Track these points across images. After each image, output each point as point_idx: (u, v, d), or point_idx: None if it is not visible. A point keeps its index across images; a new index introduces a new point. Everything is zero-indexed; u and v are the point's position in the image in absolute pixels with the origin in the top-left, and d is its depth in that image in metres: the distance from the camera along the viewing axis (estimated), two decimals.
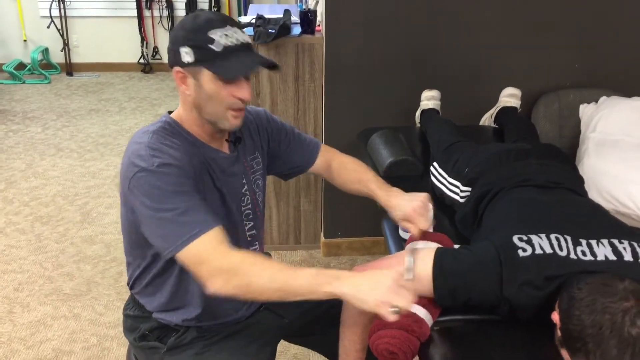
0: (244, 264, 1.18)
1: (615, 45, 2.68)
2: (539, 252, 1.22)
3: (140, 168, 1.22)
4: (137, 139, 1.29)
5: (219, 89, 1.26)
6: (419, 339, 1.23)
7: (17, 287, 2.66)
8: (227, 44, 1.24)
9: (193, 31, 1.24)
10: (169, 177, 1.21)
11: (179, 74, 1.28)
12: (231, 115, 1.30)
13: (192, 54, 1.24)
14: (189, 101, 1.31)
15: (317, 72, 2.65)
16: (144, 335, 1.43)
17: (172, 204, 1.20)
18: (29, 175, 3.77)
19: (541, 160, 1.72)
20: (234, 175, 1.42)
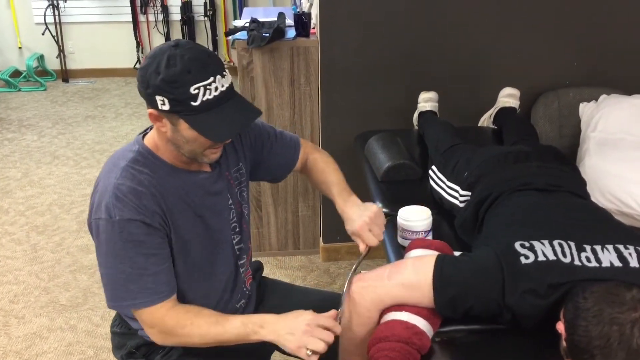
0: (175, 328, 1.27)
1: (614, 43, 2.65)
2: (542, 259, 1.19)
3: (102, 218, 1.23)
4: (108, 173, 1.27)
5: (198, 136, 1.21)
6: (420, 352, 1.20)
7: (12, 299, 2.63)
8: (207, 99, 1.17)
9: (170, 83, 1.15)
10: (128, 235, 1.22)
11: (152, 115, 1.22)
12: (210, 152, 1.28)
13: (169, 104, 1.17)
14: (165, 137, 1.26)
15: (312, 75, 2.62)
16: (131, 352, 1.43)
17: (124, 265, 1.23)
18: (25, 184, 3.74)
19: (541, 163, 1.69)
20: (217, 193, 1.39)
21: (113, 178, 1.24)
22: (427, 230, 1.62)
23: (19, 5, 5.80)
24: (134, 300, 1.24)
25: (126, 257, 1.22)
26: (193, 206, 1.33)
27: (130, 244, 1.21)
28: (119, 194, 1.22)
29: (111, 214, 1.21)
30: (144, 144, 1.30)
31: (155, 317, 1.26)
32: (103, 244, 1.23)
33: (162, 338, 1.30)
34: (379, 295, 1.26)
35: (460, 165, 1.82)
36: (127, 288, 1.23)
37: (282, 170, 1.60)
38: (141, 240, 1.22)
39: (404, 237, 1.63)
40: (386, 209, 1.92)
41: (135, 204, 1.22)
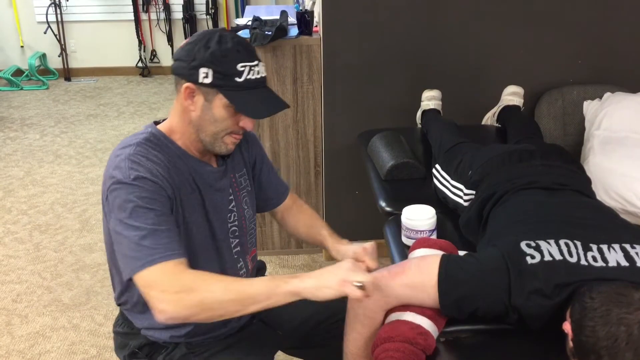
0: (194, 282, 1.15)
1: (618, 40, 2.63)
2: (548, 258, 1.18)
3: (116, 180, 1.21)
4: (118, 151, 1.27)
5: (228, 116, 1.26)
6: (425, 352, 1.19)
7: (15, 298, 2.63)
8: (250, 78, 1.24)
9: (220, 57, 1.22)
10: (142, 191, 1.19)
11: (188, 89, 1.25)
12: (230, 139, 1.30)
13: (212, 77, 1.22)
14: (189, 117, 1.28)
15: (315, 73, 2.61)
16: (134, 352, 1.41)
17: (138, 221, 1.18)
18: (27, 183, 3.73)
19: (546, 161, 1.68)
20: (221, 190, 1.39)
21: (127, 151, 1.25)
22: (432, 229, 1.62)
23: (21, 4, 5.80)
24: (148, 257, 1.15)
25: (140, 215, 1.18)
26: (198, 192, 1.33)
27: (143, 200, 1.18)
28: (135, 158, 1.23)
29: (125, 175, 1.20)
30: (156, 128, 1.32)
31: (170, 275, 1.15)
32: (119, 207, 1.19)
33: (178, 299, 1.13)
34: (383, 297, 1.25)
35: (465, 164, 1.81)
36: (141, 246, 1.16)
37: (266, 202, 1.60)
38: (154, 198, 1.20)
39: (408, 237, 1.62)
40: (390, 208, 1.91)
41: (150, 168, 1.22)
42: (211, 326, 1.40)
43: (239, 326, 1.47)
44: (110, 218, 1.22)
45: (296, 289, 1.13)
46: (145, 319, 1.38)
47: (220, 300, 1.14)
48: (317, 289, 1.12)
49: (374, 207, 2.00)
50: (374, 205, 2.00)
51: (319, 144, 2.75)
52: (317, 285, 1.12)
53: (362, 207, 2.79)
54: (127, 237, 1.18)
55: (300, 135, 2.72)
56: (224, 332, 1.44)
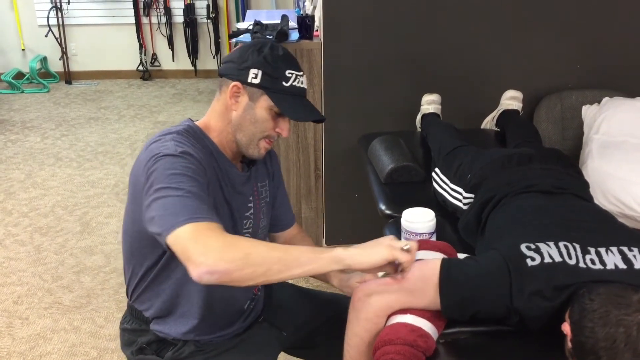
0: (239, 239, 1.16)
1: (616, 45, 2.65)
2: (548, 260, 1.19)
3: (162, 153, 1.21)
4: (157, 137, 1.29)
5: (269, 118, 1.32)
6: (425, 354, 1.20)
7: (16, 300, 2.64)
8: (295, 85, 1.32)
9: (272, 61, 1.30)
10: (188, 163, 1.21)
11: (235, 87, 1.31)
12: (263, 145, 1.36)
13: (261, 78, 1.29)
14: (229, 117, 1.34)
15: (315, 77, 2.62)
16: (142, 348, 1.41)
17: (183, 184, 1.16)
18: (28, 185, 3.74)
19: (545, 165, 1.69)
20: (242, 194, 1.42)
21: (168, 137, 1.27)
22: (431, 232, 1.63)
23: (23, 7, 5.81)
24: (192, 214, 1.11)
25: (187, 179, 1.17)
26: (224, 190, 1.36)
27: (189, 171, 1.19)
28: (180, 138, 1.26)
29: (173, 150, 1.21)
30: (194, 123, 1.36)
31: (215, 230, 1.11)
32: (164, 170, 1.17)
33: (221, 252, 1.08)
34: (386, 303, 1.26)
35: (464, 168, 1.82)
36: (186, 205, 1.12)
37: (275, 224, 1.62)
38: (198, 173, 1.21)
39: (408, 239, 1.63)
40: (390, 211, 1.92)
41: (194, 149, 1.26)
42: (218, 325, 1.42)
43: (246, 326, 1.48)
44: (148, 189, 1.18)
45: (340, 256, 1.15)
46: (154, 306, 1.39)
47: (265, 256, 1.11)
48: (362, 255, 1.15)
49: (374, 210, 2.01)
50: (374, 208, 2.01)
51: (319, 147, 2.76)
52: (361, 252, 1.16)
53: (362, 210, 2.80)
54: (170, 196, 1.14)
55: (300, 139, 2.74)
56: (231, 332, 1.45)
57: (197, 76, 6.07)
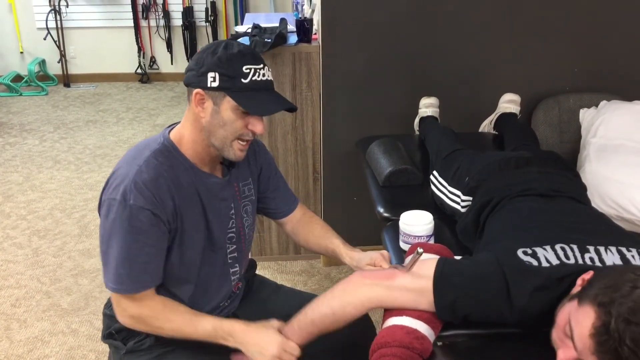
0: (151, 317, 1.36)
1: (614, 49, 2.66)
2: (545, 265, 1.18)
3: (115, 197, 1.29)
4: (132, 159, 1.33)
5: (236, 118, 1.31)
6: (421, 356, 1.20)
7: (14, 302, 2.63)
8: (255, 79, 1.29)
9: (226, 60, 1.28)
10: (135, 221, 1.28)
11: (198, 95, 1.30)
12: (237, 146, 1.35)
13: (219, 80, 1.28)
14: (200, 124, 1.33)
15: (314, 80, 2.63)
16: (111, 333, 1.49)
17: (121, 247, 1.30)
18: (26, 188, 3.74)
19: (542, 168, 1.69)
20: (223, 200, 1.44)
21: (136, 165, 1.31)
22: (429, 235, 1.63)
23: (21, 10, 5.82)
24: (118, 285, 1.32)
25: (125, 241, 1.29)
26: (201, 204, 1.39)
27: (134, 229, 1.28)
28: (139, 181, 1.29)
29: (126, 197, 1.28)
30: (169, 137, 1.38)
31: (132, 304, 1.34)
32: (109, 223, 1.30)
33: (132, 323, 1.37)
34: (377, 295, 1.26)
35: (462, 171, 1.82)
36: (117, 271, 1.31)
37: (273, 212, 1.65)
38: (145, 229, 1.29)
39: (406, 242, 1.64)
40: (388, 214, 1.93)
41: (151, 194, 1.29)
42: None
43: None
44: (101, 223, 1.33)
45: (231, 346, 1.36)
46: None
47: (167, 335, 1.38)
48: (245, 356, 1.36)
49: (372, 213, 2.01)
50: (372, 211, 2.01)
51: (318, 151, 2.77)
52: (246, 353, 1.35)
53: (360, 213, 2.80)
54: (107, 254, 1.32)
55: (299, 142, 2.74)
56: None
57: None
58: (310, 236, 1.64)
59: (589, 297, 1.03)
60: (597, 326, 0.98)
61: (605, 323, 0.97)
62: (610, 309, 0.98)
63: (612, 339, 0.96)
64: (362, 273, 1.33)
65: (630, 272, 1.03)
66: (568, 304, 1.09)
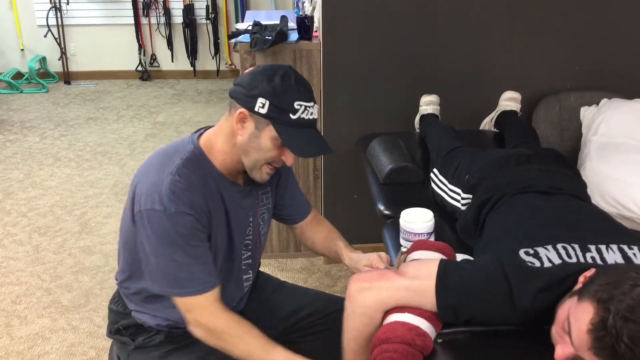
0: (225, 333, 1.32)
1: (615, 47, 2.66)
2: (548, 265, 1.18)
3: (156, 207, 1.27)
4: (161, 166, 1.32)
5: (273, 148, 1.32)
6: (422, 353, 1.20)
7: (14, 299, 2.64)
8: (303, 117, 1.29)
9: (281, 92, 1.27)
10: (181, 227, 1.27)
11: (241, 114, 1.30)
12: (266, 171, 1.37)
13: (268, 109, 1.27)
14: (235, 139, 1.34)
15: (315, 78, 2.63)
16: (119, 329, 1.49)
17: (176, 254, 1.27)
18: (27, 185, 3.74)
19: (542, 166, 1.69)
20: (243, 208, 1.46)
21: (167, 173, 1.30)
22: (429, 232, 1.63)
23: (22, 7, 5.81)
24: (182, 289, 1.29)
25: (178, 246, 1.27)
26: (225, 212, 1.40)
27: (182, 235, 1.27)
28: (176, 190, 1.28)
29: (166, 206, 1.26)
30: (199, 144, 1.37)
31: (207, 309, 1.31)
32: (155, 234, 1.27)
33: (207, 337, 1.34)
34: (382, 298, 1.26)
35: (462, 168, 1.82)
36: (177, 277, 1.28)
37: (288, 218, 1.66)
38: (192, 233, 1.29)
39: (406, 239, 1.64)
40: (388, 211, 1.93)
41: (190, 200, 1.28)
42: None
43: None
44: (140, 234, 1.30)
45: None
46: (140, 306, 1.46)
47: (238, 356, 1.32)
48: None
49: (373, 210, 2.01)
50: (373, 208, 2.01)
51: None
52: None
53: (361, 211, 2.80)
54: (162, 263, 1.29)
55: None
56: None
57: (196, 77, 6.07)
58: (317, 238, 1.66)
59: (589, 293, 1.03)
60: (595, 322, 0.98)
61: (603, 319, 0.97)
62: (609, 306, 0.98)
63: (610, 336, 0.96)
64: (353, 278, 1.34)
65: (632, 271, 1.03)
66: (568, 300, 1.08)
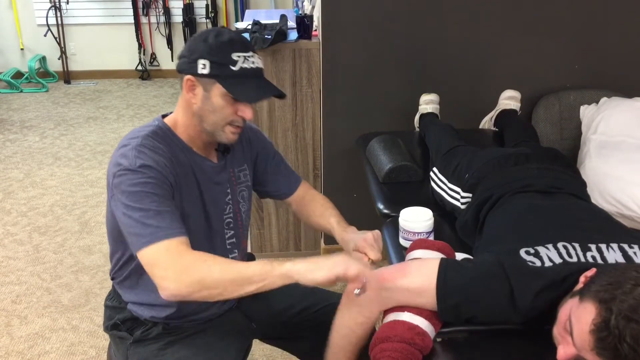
0: (195, 262, 1.21)
1: (615, 46, 2.65)
2: (548, 264, 1.18)
3: (123, 167, 1.28)
4: (126, 141, 1.34)
5: (226, 105, 1.33)
6: (422, 352, 1.20)
7: (14, 299, 2.64)
8: (245, 67, 1.31)
9: (216, 48, 1.30)
10: (147, 178, 1.26)
11: (189, 82, 1.33)
12: (230, 130, 1.37)
13: (209, 67, 1.30)
14: (192, 109, 1.36)
15: (314, 77, 2.63)
16: (116, 324, 1.49)
17: (143, 204, 1.25)
18: (27, 185, 3.75)
19: (542, 165, 1.69)
20: (218, 184, 1.47)
21: (134, 142, 1.31)
22: (429, 231, 1.63)
23: (21, 6, 5.82)
24: (152, 235, 1.22)
25: (145, 196, 1.25)
26: (197, 185, 1.40)
27: (147, 186, 1.26)
28: (142, 149, 1.29)
29: (132, 163, 1.27)
30: (163, 121, 1.40)
31: (173, 252, 1.21)
32: (125, 192, 1.26)
33: (178, 279, 1.19)
34: (382, 298, 1.26)
35: (461, 167, 1.82)
36: (146, 225, 1.23)
37: (275, 193, 1.67)
38: (157, 184, 1.27)
39: (406, 238, 1.64)
40: (388, 210, 1.93)
41: (155, 159, 1.29)
42: (192, 309, 1.46)
43: (220, 313, 1.52)
44: (115, 201, 1.29)
45: (288, 272, 1.19)
46: (133, 294, 1.46)
47: (218, 279, 1.20)
48: (308, 271, 1.18)
49: (372, 209, 2.01)
50: (372, 207, 2.01)
51: (318, 147, 2.77)
52: (308, 268, 1.18)
53: (361, 210, 2.78)
54: (132, 217, 1.25)
55: (299, 139, 2.74)
56: (204, 317, 1.49)
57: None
58: (312, 215, 1.66)
59: (591, 293, 1.02)
60: (597, 322, 0.98)
61: (606, 319, 0.97)
62: (611, 306, 0.97)
63: (612, 336, 0.96)
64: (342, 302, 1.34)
65: (633, 270, 1.03)
66: (570, 301, 1.08)
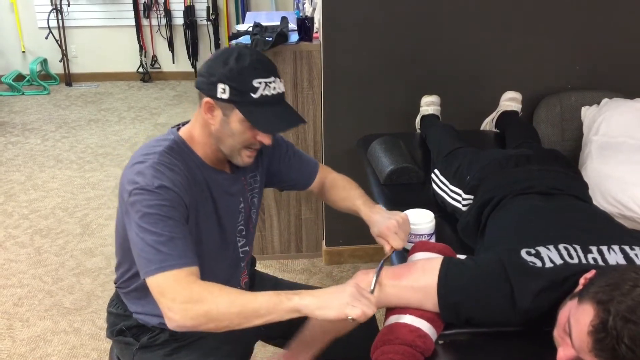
0: (202, 295, 1.18)
1: (616, 47, 2.65)
2: (549, 265, 1.18)
3: (139, 186, 1.25)
4: (143, 156, 1.31)
5: (245, 130, 1.31)
6: (423, 354, 1.20)
7: (16, 302, 2.64)
8: (265, 94, 1.28)
9: (237, 73, 1.27)
10: (163, 200, 1.24)
11: (207, 104, 1.31)
12: (246, 154, 1.36)
13: (229, 93, 1.27)
14: (209, 129, 1.34)
15: (315, 79, 2.63)
16: (121, 330, 1.48)
17: (157, 228, 1.22)
18: (29, 187, 3.75)
19: (543, 166, 1.69)
20: (232, 195, 1.46)
21: (151, 160, 1.29)
22: (430, 233, 1.63)
23: (23, 9, 5.83)
24: (163, 263, 1.20)
25: (159, 220, 1.22)
26: (212, 201, 1.39)
27: (164, 208, 1.23)
28: (159, 168, 1.27)
29: (149, 183, 1.24)
30: (179, 136, 1.38)
31: (181, 283, 1.19)
32: (139, 212, 1.23)
33: (185, 309, 1.17)
34: (386, 295, 1.26)
35: (463, 169, 1.82)
36: (158, 250, 1.21)
37: (294, 186, 1.67)
38: (174, 207, 1.25)
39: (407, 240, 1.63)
40: None
41: (172, 178, 1.27)
42: None
43: None
44: (129, 220, 1.26)
45: (297, 306, 1.15)
46: (140, 305, 1.44)
47: (224, 313, 1.17)
48: (317, 308, 1.14)
49: None
50: None
51: (319, 149, 2.77)
52: (318, 304, 1.14)
53: None
54: (144, 240, 1.22)
55: (300, 140, 2.74)
56: None
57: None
58: (337, 201, 1.66)
59: (589, 295, 1.02)
60: (595, 324, 0.98)
61: (604, 321, 0.97)
62: (609, 307, 0.97)
63: (610, 337, 0.96)
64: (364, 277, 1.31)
65: (632, 272, 1.02)
66: (569, 303, 1.08)
